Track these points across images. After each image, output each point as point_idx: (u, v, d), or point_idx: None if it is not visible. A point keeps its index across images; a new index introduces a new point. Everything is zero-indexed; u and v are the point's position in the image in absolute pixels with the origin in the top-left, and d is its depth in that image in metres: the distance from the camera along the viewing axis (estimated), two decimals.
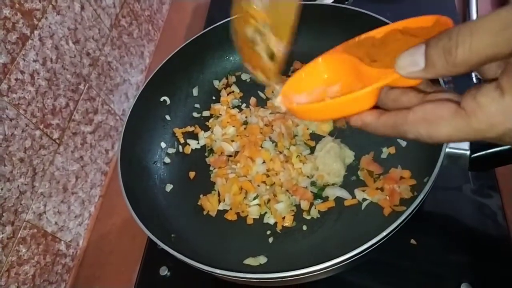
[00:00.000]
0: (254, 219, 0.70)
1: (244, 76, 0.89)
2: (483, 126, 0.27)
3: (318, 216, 0.67)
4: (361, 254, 0.52)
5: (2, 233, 0.65)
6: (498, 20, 0.24)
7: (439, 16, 0.33)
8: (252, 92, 0.86)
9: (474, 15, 0.86)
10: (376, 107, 0.36)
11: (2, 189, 0.64)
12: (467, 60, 0.26)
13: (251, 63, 0.56)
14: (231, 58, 0.90)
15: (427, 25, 0.34)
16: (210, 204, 0.72)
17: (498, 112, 0.26)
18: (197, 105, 0.87)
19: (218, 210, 0.72)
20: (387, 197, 0.64)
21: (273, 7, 0.53)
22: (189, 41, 0.84)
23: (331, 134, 0.75)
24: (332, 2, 0.88)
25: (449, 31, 0.26)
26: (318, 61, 0.41)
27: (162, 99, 0.84)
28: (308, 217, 0.68)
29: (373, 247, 0.52)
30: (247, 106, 0.84)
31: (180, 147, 0.82)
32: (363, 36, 0.39)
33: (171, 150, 0.82)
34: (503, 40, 0.24)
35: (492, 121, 0.27)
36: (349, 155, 0.71)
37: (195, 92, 0.88)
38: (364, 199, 0.66)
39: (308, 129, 0.77)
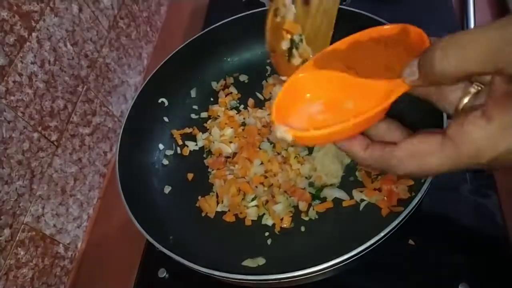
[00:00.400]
0: (252, 220, 0.70)
1: (242, 78, 0.89)
2: (472, 153, 0.28)
3: (316, 217, 0.67)
4: (359, 255, 0.52)
5: (0, 236, 0.65)
6: (484, 38, 0.25)
7: (407, 25, 0.34)
8: (250, 93, 0.86)
9: (471, 17, 0.86)
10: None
11: (0, 192, 0.64)
12: (450, 73, 0.27)
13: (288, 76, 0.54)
14: (229, 60, 0.90)
15: (395, 33, 0.35)
16: (208, 205, 0.72)
17: (485, 139, 0.27)
18: (195, 107, 0.87)
19: (217, 212, 0.72)
20: (385, 198, 0.64)
21: (310, 17, 0.57)
22: (187, 42, 0.84)
23: None
24: None
25: (437, 43, 0.28)
26: (298, 78, 0.39)
27: (160, 100, 0.84)
28: (306, 218, 0.68)
29: (371, 248, 0.52)
30: (245, 108, 0.84)
31: (178, 148, 0.82)
32: (331, 47, 0.39)
33: (169, 152, 0.82)
34: (487, 60, 0.25)
35: (480, 148, 0.27)
36: (347, 156, 0.71)
37: (193, 93, 0.88)
38: (362, 200, 0.66)
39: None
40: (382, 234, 0.52)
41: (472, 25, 0.85)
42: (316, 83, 0.38)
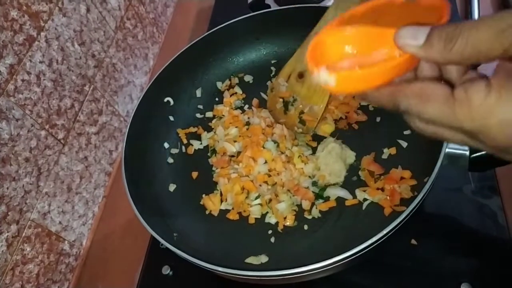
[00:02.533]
0: (255, 218, 0.70)
1: (247, 78, 0.90)
2: (464, 117, 0.28)
3: (319, 216, 0.68)
4: (362, 253, 0.53)
5: (7, 232, 0.65)
6: (500, 21, 0.26)
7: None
8: (255, 93, 0.87)
9: (476, 16, 0.86)
10: None
11: (7, 188, 0.65)
12: (462, 52, 0.27)
13: (286, 125, 0.77)
14: (234, 60, 0.91)
15: (425, 4, 0.34)
16: (212, 203, 0.73)
17: (481, 108, 0.27)
18: (200, 106, 0.88)
19: (220, 210, 0.73)
20: (388, 197, 0.65)
21: (306, 84, 0.77)
22: (193, 43, 0.85)
23: (332, 135, 0.76)
24: None
25: (455, 22, 0.28)
26: (325, 34, 0.36)
27: (166, 100, 0.85)
28: (310, 217, 0.68)
29: (373, 246, 0.53)
30: (250, 107, 0.85)
31: (183, 147, 0.83)
32: (348, 12, 0.37)
33: (174, 151, 0.83)
34: (498, 41, 0.26)
35: (473, 115, 0.28)
36: (350, 156, 0.72)
37: (198, 93, 0.89)
38: (365, 199, 0.67)
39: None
40: (384, 232, 0.52)
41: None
42: (343, 39, 0.36)
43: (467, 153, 0.57)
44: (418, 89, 0.31)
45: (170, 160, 0.82)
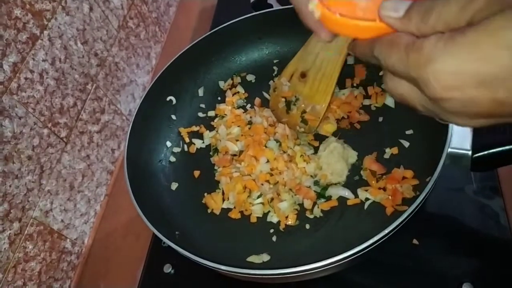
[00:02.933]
0: (257, 217, 0.70)
1: (249, 77, 0.90)
2: (413, 62, 0.29)
3: (321, 215, 0.68)
4: (363, 252, 0.53)
5: (10, 230, 0.66)
6: None
7: None
8: (257, 93, 0.87)
9: None
10: None
11: (10, 186, 0.66)
12: (434, 25, 0.29)
13: (288, 124, 0.77)
14: (236, 59, 0.91)
15: None
16: (214, 202, 0.73)
17: (427, 54, 0.28)
18: (202, 105, 0.88)
19: (222, 209, 0.73)
20: (390, 197, 0.65)
21: (308, 84, 0.78)
22: (195, 42, 0.85)
23: (334, 134, 0.76)
24: None
25: None
26: None
27: (168, 98, 0.85)
28: (311, 216, 0.68)
29: (375, 245, 0.53)
30: (252, 107, 0.85)
31: (186, 146, 0.83)
32: None
33: (176, 149, 0.83)
34: (462, 14, 0.27)
35: (420, 61, 0.28)
36: (352, 155, 0.72)
37: (200, 92, 0.89)
38: (367, 199, 0.67)
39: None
40: (386, 231, 0.52)
41: None
42: None
43: (470, 153, 0.57)
44: (390, 37, 0.32)
45: (172, 159, 0.82)
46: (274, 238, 0.67)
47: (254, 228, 0.69)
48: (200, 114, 0.87)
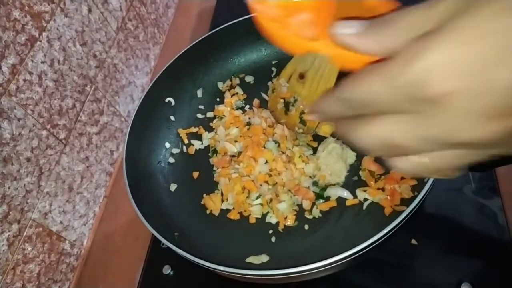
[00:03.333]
0: (256, 218, 0.70)
1: (248, 78, 0.90)
2: (395, 73, 0.24)
3: (320, 215, 0.68)
4: (362, 252, 0.53)
5: (9, 231, 0.66)
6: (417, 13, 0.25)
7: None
8: (256, 94, 0.87)
9: None
10: None
11: (9, 188, 0.66)
12: (401, 32, 0.25)
13: (287, 125, 0.78)
14: (235, 60, 0.91)
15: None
16: (213, 203, 0.73)
17: (408, 58, 0.24)
18: (201, 106, 0.88)
19: (221, 210, 0.73)
20: (388, 197, 0.65)
21: (307, 84, 0.77)
22: (194, 43, 0.85)
23: (333, 135, 0.76)
24: None
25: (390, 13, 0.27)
26: None
27: (167, 100, 0.85)
28: (310, 217, 0.68)
29: (374, 246, 0.53)
30: (251, 108, 0.86)
31: (184, 147, 0.83)
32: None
33: (175, 150, 0.83)
34: (432, 11, 0.24)
35: (401, 68, 0.24)
36: (351, 156, 0.72)
37: (199, 93, 0.89)
38: (366, 199, 0.67)
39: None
40: (384, 231, 0.52)
41: None
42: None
43: None
44: (351, 75, 0.27)
45: (171, 160, 0.82)
46: (273, 239, 0.68)
47: (253, 229, 0.70)
48: (199, 115, 0.87)
